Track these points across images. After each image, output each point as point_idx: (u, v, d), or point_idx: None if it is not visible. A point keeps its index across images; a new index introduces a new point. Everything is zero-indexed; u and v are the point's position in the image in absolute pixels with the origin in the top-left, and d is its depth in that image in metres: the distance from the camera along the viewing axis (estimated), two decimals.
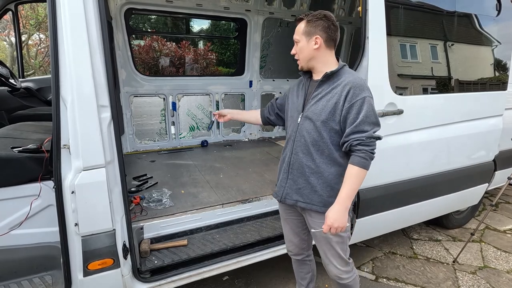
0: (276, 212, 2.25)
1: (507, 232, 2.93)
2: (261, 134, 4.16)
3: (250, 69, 3.85)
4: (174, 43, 5.52)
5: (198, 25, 7.38)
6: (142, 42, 5.93)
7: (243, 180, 2.55)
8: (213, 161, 3.07)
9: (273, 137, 4.21)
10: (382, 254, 2.58)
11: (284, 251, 2.01)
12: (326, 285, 2.18)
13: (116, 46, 3.05)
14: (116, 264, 1.46)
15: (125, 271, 1.52)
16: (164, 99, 3.46)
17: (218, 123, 3.80)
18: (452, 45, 2.28)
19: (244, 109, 3.96)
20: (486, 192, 2.82)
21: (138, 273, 1.60)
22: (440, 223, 2.93)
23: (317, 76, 1.40)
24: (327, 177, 1.38)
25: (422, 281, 2.24)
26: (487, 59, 2.51)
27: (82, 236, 1.37)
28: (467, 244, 2.48)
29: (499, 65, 2.53)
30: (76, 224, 1.34)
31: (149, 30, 7.02)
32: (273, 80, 4.07)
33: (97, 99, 1.27)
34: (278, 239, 2.01)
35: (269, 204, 2.24)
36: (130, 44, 3.22)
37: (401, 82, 2.09)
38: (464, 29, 2.37)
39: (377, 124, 1.32)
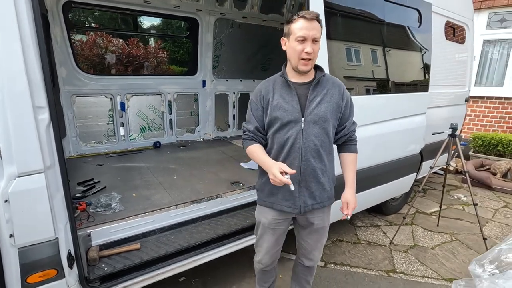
0: (231, 210, 2.32)
1: (432, 214, 3.39)
2: (216, 134, 4.18)
3: (203, 69, 3.84)
4: (121, 40, 5.21)
5: (149, 21, 7.07)
6: (85, 38, 5.49)
7: (198, 180, 2.55)
8: (167, 163, 3.01)
9: (228, 136, 4.26)
10: (330, 242, 2.80)
11: (239, 247, 2.08)
12: (280, 276, 2.30)
13: (54, 41, 2.81)
14: (60, 275, 1.38)
15: (71, 281, 1.44)
16: (111, 99, 3.28)
17: (171, 122, 3.74)
18: (389, 50, 2.57)
19: (198, 109, 3.95)
20: (415, 181, 3.22)
21: (86, 282, 1.53)
22: (379, 210, 3.26)
23: (305, 78, 1.39)
24: (330, 172, 1.50)
25: (364, 263, 2.49)
26: (413, 63, 2.87)
27: (18, 248, 1.26)
28: (400, 227, 2.82)
29: (423, 69, 2.92)
30: (11, 235, 1.23)
31: (92, 25, 6.51)
32: (227, 80, 4.11)
33: (32, 99, 1.19)
34: (233, 235, 2.07)
35: (224, 202, 2.28)
36: (70, 40, 2.99)
37: (347, 84, 2.30)
38: (395, 37, 2.68)
39: None
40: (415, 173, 3.10)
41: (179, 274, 2.17)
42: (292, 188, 1.30)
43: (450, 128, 2.53)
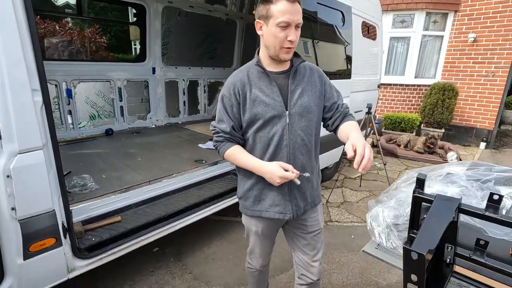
0: (198, 184, 2.61)
1: (356, 178, 4.22)
2: (167, 120, 4.29)
3: (152, 56, 3.90)
4: (52, 22, 4.72)
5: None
6: None
7: (162, 160, 2.75)
8: (126, 148, 3.09)
9: (179, 122, 4.41)
10: None
11: (209, 213, 2.40)
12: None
13: None
14: (58, 243, 1.52)
15: (67, 250, 1.59)
16: (56, 85, 3.15)
17: (122, 109, 3.74)
18: (318, 42, 3.11)
19: (149, 96, 4.01)
20: (343, 153, 3.97)
21: (79, 251, 1.68)
22: None
23: (282, 67, 1.24)
24: (317, 168, 1.38)
25: None
26: (339, 55, 3.51)
27: (19, 220, 1.37)
28: (333, 189, 3.52)
29: (346, 60, 3.59)
30: (13, 209, 1.34)
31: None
32: (176, 68, 4.23)
33: (30, 83, 1.30)
34: (203, 203, 2.37)
35: (191, 177, 2.56)
36: None
37: None
38: (327, 33, 3.24)
39: None
40: (343, 146, 3.83)
41: (157, 242, 2.40)
42: (298, 182, 1.18)
43: (366, 107, 3.25)
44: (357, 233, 2.78)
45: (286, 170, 1.16)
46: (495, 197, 0.89)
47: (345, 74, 3.56)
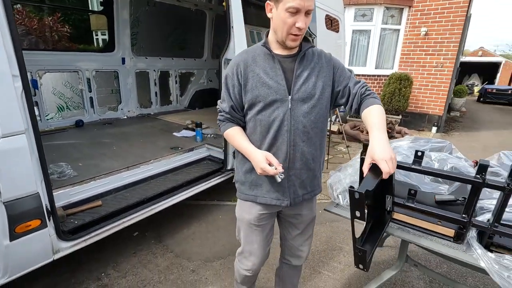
0: (175, 169, 2.72)
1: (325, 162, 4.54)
2: (139, 111, 4.29)
3: (121, 46, 3.86)
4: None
5: None
6: None
7: (139, 148, 2.82)
8: (99, 138, 3.09)
9: (152, 113, 4.42)
10: None
11: (187, 196, 2.53)
12: (220, 216, 2.88)
13: None
14: (43, 224, 1.59)
15: (52, 232, 1.66)
16: None
17: (91, 100, 3.69)
18: None
19: (119, 87, 3.98)
20: None
21: (63, 234, 1.75)
22: None
23: (290, 51, 1.19)
24: (321, 157, 1.32)
25: None
26: None
27: (4, 202, 1.43)
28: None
29: None
30: None
31: None
32: (146, 58, 4.22)
33: (10, 68, 1.35)
34: (180, 187, 2.49)
35: (168, 163, 2.66)
36: None
37: None
38: None
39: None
40: None
41: (136, 227, 2.50)
42: (279, 180, 1.15)
43: None
44: (323, 208, 3.07)
45: (271, 165, 1.13)
46: (419, 153, 1.14)
47: None
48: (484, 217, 1.11)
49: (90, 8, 8.53)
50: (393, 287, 2.02)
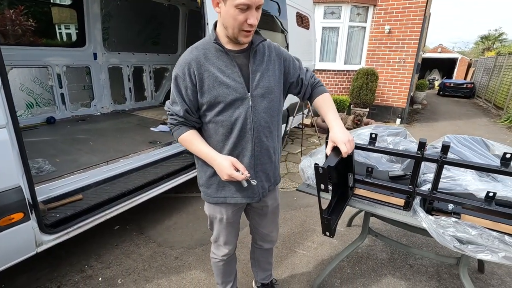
0: (154, 163, 2.77)
1: (297, 153, 4.78)
2: (114, 107, 4.24)
3: (93, 41, 3.79)
4: None
5: None
6: None
7: (116, 143, 2.84)
8: (73, 134, 3.06)
9: (126, 109, 4.39)
10: None
11: (168, 188, 2.61)
12: (201, 207, 2.98)
13: None
14: (27, 217, 1.61)
15: (35, 224, 1.69)
16: None
17: (63, 96, 3.60)
18: (259, 31, 3.44)
19: (92, 83, 3.91)
20: (286, 133, 4.46)
21: (45, 227, 1.78)
22: None
23: (241, 45, 1.16)
24: (279, 148, 1.36)
25: None
26: (278, 42, 3.90)
27: None
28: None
29: (285, 47, 4.01)
30: None
31: None
32: (119, 53, 4.17)
33: None
34: (161, 179, 2.57)
35: (147, 157, 2.71)
36: None
37: None
38: (267, 22, 3.58)
39: None
40: (285, 124, 4.31)
41: (117, 220, 2.55)
42: (246, 184, 1.14)
43: None
44: (298, 196, 3.29)
45: (238, 170, 1.12)
46: (373, 135, 1.34)
47: None
48: (426, 187, 1.34)
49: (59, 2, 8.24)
50: (360, 259, 2.26)
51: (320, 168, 1.07)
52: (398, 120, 7.36)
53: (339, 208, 1.37)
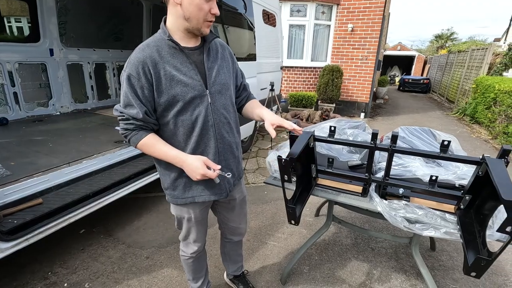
0: (121, 163, 2.69)
1: (268, 148, 4.87)
2: (74, 107, 4.02)
3: (48, 36, 3.56)
4: None
5: None
6: None
7: (79, 144, 2.71)
8: (30, 136, 2.87)
9: (89, 108, 4.18)
10: None
11: (136, 187, 2.56)
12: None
13: None
14: None
15: None
16: None
17: (16, 95, 3.35)
18: (227, 27, 3.45)
19: (49, 80, 3.67)
20: (257, 129, 4.53)
21: (2, 234, 1.67)
22: None
23: (196, 42, 1.16)
24: (240, 142, 1.40)
25: None
26: (245, 39, 3.94)
27: None
28: (248, 159, 4.04)
29: (252, 44, 4.05)
30: None
31: None
32: (78, 49, 3.95)
33: None
34: (128, 179, 2.50)
35: (113, 157, 2.62)
36: None
37: None
38: (233, 19, 3.60)
39: None
40: (254, 121, 4.37)
41: (83, 224, 2.45)
42: (218, 181, 1.14)
43: (270, 84, 3.81)
44: (269, 190, 3.37)
45: (209, 167, 1.12)
46: (332, 128, 1.44)
47: (251, 57, 4.04)
48: (381, 174, 1.46)
49: None
50: (327, 246, 2.39)
51: (282, 160, 1.13)
52: (362, 115, 7.76)
53: (303, 197, 1.45)
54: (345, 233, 2.57)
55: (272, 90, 3.89)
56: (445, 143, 1.20)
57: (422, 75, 20.61)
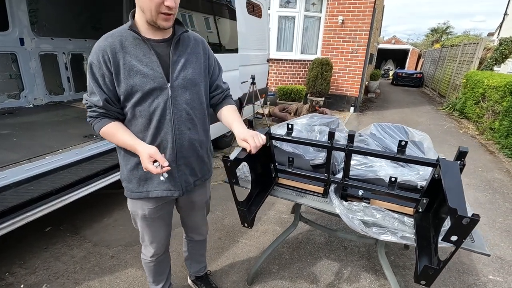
0: (90, 158, 2.59)
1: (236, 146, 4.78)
2: (49, 99, 3.88)
3: (17, 24, 3.39)
4: None
5: None
6: None
7: (45, 138, 2.60)
8: None
9: (65, 100, 4.04)
10: None
11: (105, 184, 2.46)
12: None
13: None
14: None
15: None
16: None
17: None
18: (206, 17, 3.32)
19: (20, 71, 3.52)
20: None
21: None
22: (217, 146, 4.31)
23: (163, 35, 1.13)
24: (208, 142, 1.36)
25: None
26: (226, 31, 3.81)
27: None
28: (230, 154, 3.95)
29: (233, 36, 3.93)
30: None
31: None
32: (52, 39, 3.79)
33: None
34: (96, 176, 2.41)
35: (81, 152, 2.52)
36: None
37: None
38: (211, 8, 3.46)
39: None
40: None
41: (49, 221, 2.37)
42: (162, 178, 1.06)
43: (250, 78, 3.71)
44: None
45: (156, 161, 1.05)
46: (289, 126, 1.36)
47: (233, 49, 3.92)
48: (341, 175, 1.39)
49: None
50: (299, 245, 2.35)
51: (227, 161, 1.05)
52: (352, 109, 7.70)
53: (259, 199, 1.38)
54: (319, 231, 2.52)
55: (253, 83, 3.79)
56: (402, 143, 1.13)
57: (416, 69, 20.58)
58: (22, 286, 1.87)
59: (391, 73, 20.45)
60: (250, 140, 1.09)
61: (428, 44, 28.43)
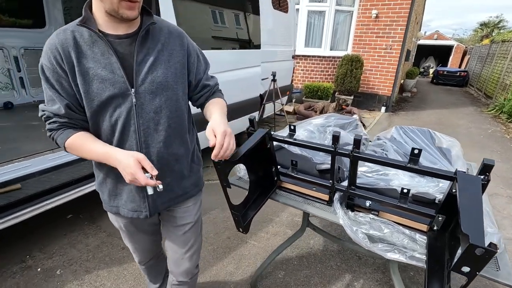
0: None
1: None
2: None
3: (53, 22, 3.61)
4: None
5: None
6: None
7: None
8: (28, 121, 2.96)
9: None
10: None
11: None
12: None
13: None
14: None
15: None
16: None
17: (22, 80, 3.46)
18: (223, 11, 3.27)
19: None
20: (263, 120, 4.36)
21: None
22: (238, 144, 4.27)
23: (126, 29, 0.92)
24: (187, 154, 1.12)
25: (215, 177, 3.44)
26: (248, 27, 3.74)
27: None
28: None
29: (256, 31, 3.85)
30: None
31: None
32: None
33: None
34: None
35: None
36: None
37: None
38: (238, 2, 3.40)
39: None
40: (258, 111, 4.20)
41: (71, 209, 2.49)
42: (150, 191, 0.90)
43: (271, 75, 3.61)
44: None
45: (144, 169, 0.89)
46: (292, 127, 1.26)
47: (255, 44, 3.84)
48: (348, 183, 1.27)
49: None
50: (309, 250, 2.23)
51: (218, 163, 0.99)
52: (383, 109, 7.28)
53: (257, 203, 1.31)
54: (322, 238, 2.38)
55: (273, 80, 3.68)
56: (415, 151, 0.99)
57: (460, 67, 19.00)
58: (39, 269, 1.98)
59: (431, 71, 19.07)
60: (220, 137, 0.90)
61: (477, 40, 26.06)
